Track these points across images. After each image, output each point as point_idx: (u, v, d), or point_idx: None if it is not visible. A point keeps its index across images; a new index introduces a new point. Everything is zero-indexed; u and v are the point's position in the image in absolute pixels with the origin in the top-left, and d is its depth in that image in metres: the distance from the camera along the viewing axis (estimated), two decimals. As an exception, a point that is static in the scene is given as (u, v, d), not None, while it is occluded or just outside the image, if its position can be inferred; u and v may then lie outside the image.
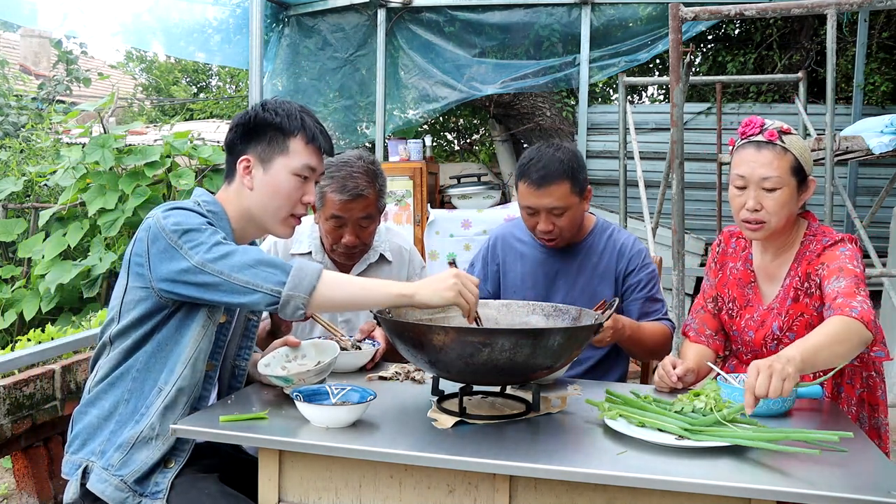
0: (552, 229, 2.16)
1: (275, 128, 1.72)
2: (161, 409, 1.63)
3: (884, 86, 5.94)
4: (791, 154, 1.82)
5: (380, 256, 2.37)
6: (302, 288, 1.52)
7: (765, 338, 1.92)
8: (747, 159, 1.84)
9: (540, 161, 2.13)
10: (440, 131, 7.74)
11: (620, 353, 2.31)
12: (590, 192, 2.23)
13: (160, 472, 1.63)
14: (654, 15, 5.30)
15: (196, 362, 1.66)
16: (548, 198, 2.12)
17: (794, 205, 1.87)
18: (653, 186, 5.48)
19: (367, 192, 2.16)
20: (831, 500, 1.24)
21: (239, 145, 1.75)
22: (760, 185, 1.82)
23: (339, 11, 5.57)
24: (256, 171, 1.73)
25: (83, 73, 8.53)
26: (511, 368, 1.52)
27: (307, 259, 2.34)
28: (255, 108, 1.76)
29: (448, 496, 1.43)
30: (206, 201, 1.73)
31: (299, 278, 1.52)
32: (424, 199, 4.98)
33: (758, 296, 1.97)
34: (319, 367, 1.74)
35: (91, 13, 5.05)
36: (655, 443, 1.44)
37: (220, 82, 12.22)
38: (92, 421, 1.67)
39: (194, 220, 1.61)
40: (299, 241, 2.36)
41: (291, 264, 1.55)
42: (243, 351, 1.88)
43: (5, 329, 5.02)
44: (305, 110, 1.78)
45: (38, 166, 5.77)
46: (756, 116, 1.90)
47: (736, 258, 2.04)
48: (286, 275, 1.52)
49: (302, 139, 1.73)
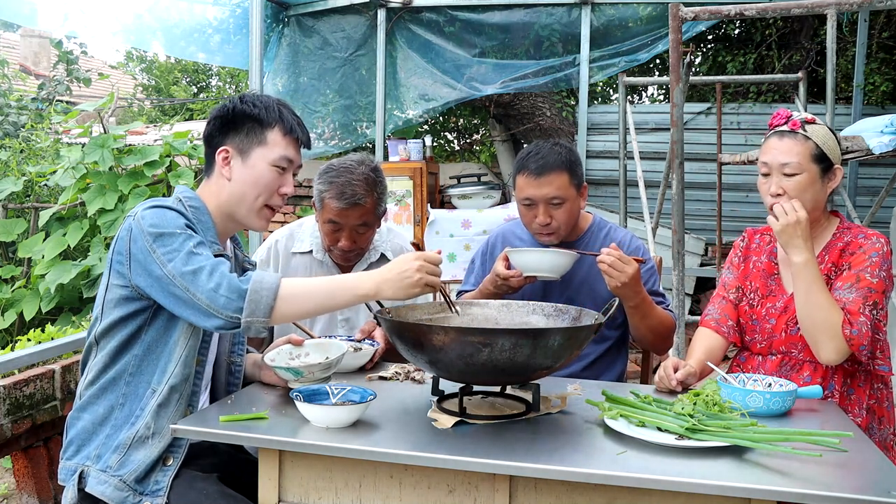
0: (550, 222, 2.17)
1: (253, 119, 1.74)
2: (155, 408, 1.63)
3: (884, 86, 5.94)
4: (812, 142, 1.90)
5: (381, 256, 2.38)
6: (259, 312, 1.53)
7: (786, 322, 1.96)
8: (770, 147, 1.95)
9: (539, 153, 2.17)
10: (440, 131, 7.73)
11: (621, 350, 2.32)
12: (586, 189, 2.26)
13: (160, 471, 1.63)
14: (654, 15, 5.30)
15: (187, 360, 1.67)
16: (546, 187, 2.14)
17: (819, 192, 1.93)
18: (653, 186, 5.48)
19: (364, 200, 2.17)
20: (831, 500, 1.24)
21: (217, 137, 1.76)
22: (781, 171, 1.91)
23: (339, 11, 5.57)
24: (235, 161, 1.74)
25: (83, 73, 8.53)
26: (511, 368, 1.52)
27: (308, 257, 2.35)
28: (232, 101, 1.77)
29: (448, 496, 1.43)
30: (187, 197, 1.74)
31: (255, 303, 1.52)
32: (424, 199, 4.98)
33: (780, 286, 2.02)
34: (328, 362, 1.76)
35: (91, 13, 5.05)
36: (655, 443, 1.44)
37: (220, 82, 12.20)
38: (86, 426, 1.66)
39: (170, 223, 1.60)
40: (301, 239, 2.37)
41: (247, 287, 1.53)
42: (237, 347, 1.89)
43: (5, 329, 5.02)
44: (283, 103, 1.80)
45: (38, 166, 5.77)
46: (784, 109, 1.99)
47: (760, 252, 2.10)
48: (242, 300, 1.52)
49: (280, 130, 1.75)
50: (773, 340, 1.99)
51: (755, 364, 2.02)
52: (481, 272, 2.40)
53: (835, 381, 1.91)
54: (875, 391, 1.95)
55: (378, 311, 1.71)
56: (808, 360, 1.93)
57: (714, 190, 5.73)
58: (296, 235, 2.40)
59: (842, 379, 1.92)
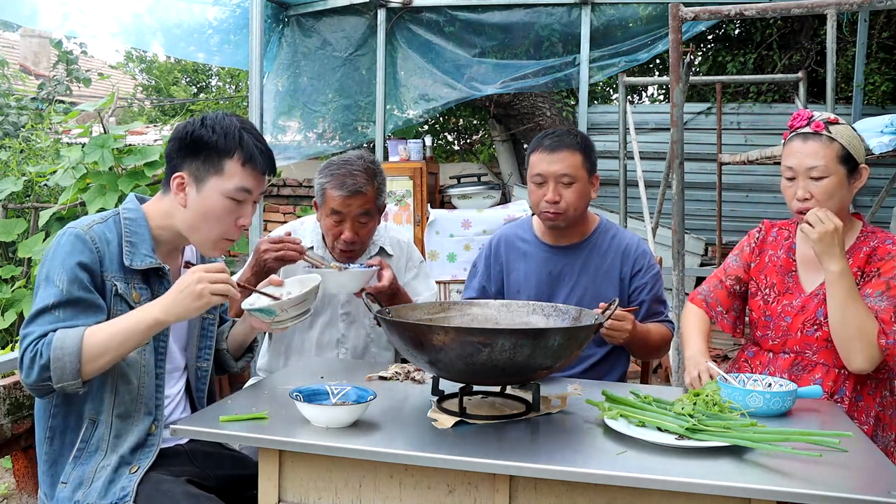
0: (559, 200, 2.17)
1: (210, 147, 1.66)
2: (112, 441, 1.62)
3: (884, 86, 5.94)
4: (837, 143, 1.86)
5: (380, 249, 2.41)
6: (66, 376, 1.48)
7: (803, 322, 1.94)
8: (795, 151, 1.90)
9: (555, 133, 2.23)
10: (440, 131, 7.74)
11: (622, 353, 2.31)
12: (598, 179, 2.26)
13: (126, 478, 1.60)
14: (654, 15, 5.30)
15: (131, 385, 1.64)
16: (559, 164, 2.16)
17: (846, 193, 1.89)
18: (653, 186, 5.48)
19: (365, 188, 2.21)
20: (831, 500, 1.23)
21: (175, 159, 1.70)
22: (808, 175, 1.87)
23: (339, 11, 5.57)
24: (190, 189, 1.68)
25: (83, 74, 8.53)
26: (511, 368, 1.52)
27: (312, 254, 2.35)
28: (193, 123, 1.70)
29: (448, 496, 1.43)
30: (127, 209, 1.70)
31: (61, 370, 1.48)
32: (424, 199, 4.98)
33: (798, 284, 1.99)
34: (300, 297, 1.70)
35: (91, 13, 5.05)
36: (655, 443, 1.44)
37: (220, 82, 12.19)
38: (38, 460, 1.67)
39: (56, 266, 1.56)
40: (302, 236, 2.38)
41: (49, 352, 1.47)
42: (203, 352, 1.87)
43: (5, 329, 5.02)
44: (247, 127, 1.71)
45: (38, 166, 5.77)
46: (805, 110, 1.95)
47: (777, 246, 2.07)
48: (48, 370, 1.48)
49: (238, 160, 1.67)
50: (787, 339, 1.97)
51: (765, 361, 2.00)
52: (485, 276, 2.40)
53: (846, 386, 1.90)
54: (883, 398, 1.94)
55: (378, 310, 1.70)
56: (822, 362, 1.92)
57: (714, 190, 5.73)
58: (296, 233, 2.40)
59: (853, 385, 1.90)
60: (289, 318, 1.73)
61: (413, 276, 2.48)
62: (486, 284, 2.39)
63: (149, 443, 1.66)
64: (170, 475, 1.64)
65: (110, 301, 1.62)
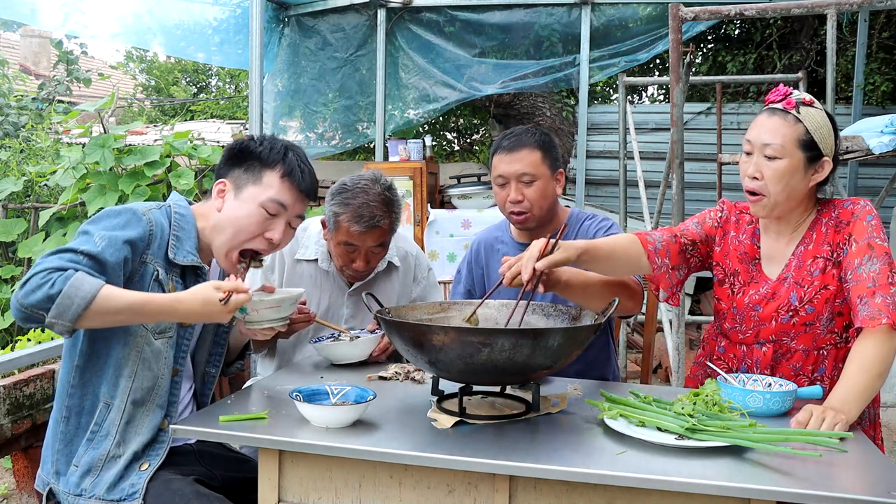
0: (522, 199, 2.16)
1: (255, 156, 1.73)
2: (122, 427, 1.63)
3: (884, 86, 5.94)
4: (802, 126, 1.73)
5: (388, 264, 2.38)
6: (66, 316, 1.43)
7: (777, 310, 1.84)
8: (757, 124, 1.80)
9: (513, 133, 2.22)
10: (440, 131, 7.74)
11: (610, 357, 2.31)
12: (562, 174, 2.24)
13: (135, 475, 1.62)
14: (654, 15, 5.30)
15: (149, 373, 1.65)
16: (518, 163, 2.15)
17: (800, 183, 1.77)
18: (653, 186, 5.48)
19: (382, 222, 2.15)
20: (831, 500, 1.23)
21: (222, 168, 1.76)
22: (762, 153, 1.76)
23: (339, 11, 5.57)
24: (229, 195, 1.73)
25: (83, 74, 8.53)
26: (511, 368, 1.52)
27: (314, 266, 2.33)
28: (247, 137, 1.77)
29: (448, 496, 1.43)
30: (177, 203, 1.73)
31: (65, 308, 1.43)
32: (424, 199, 4.99)
33: (761, 272, 1.90)
34: (273, 300, 1.69)
35: (92, 13, 5.05)
36: (655, 443, 1.44)
37: (220, 82, 12.20)
38: (48, 438, 1.67)
39: (100, 229, 1.56)
40: (305, 245, 2.35)
41: (63, 286, 1.43)
42: (213, 358, 1.88)
43: (5, 329, 5.02)
44: (294, 149, 1.76)
45: (38, 166, 5.76)
46: (786, 87, 1.82)
47: (739, 230, 1.96)
48: (51, 302, 1.43)
49: (278, 172, 1.72)
50: (760, 329, 1.87)
51: (740, 354, 1.92)
52: (469, 280, 2.40)
53: (825, 365, 1.84)
54: None
55: (378, 310, 1.70)
56: (802, 347, 1.85)
57: (714, 190, 5.74)
58: (300, 240, 2.36)
59: (832, 363, 1.84)
60: (263, 320, 1.71)
61: (420, 291, 2.47)
62: (470, 288, 2.39)
63: (159, 439, 1.67)
64: (179, 474, 1.65)
65: (148, 282, 1.63)
